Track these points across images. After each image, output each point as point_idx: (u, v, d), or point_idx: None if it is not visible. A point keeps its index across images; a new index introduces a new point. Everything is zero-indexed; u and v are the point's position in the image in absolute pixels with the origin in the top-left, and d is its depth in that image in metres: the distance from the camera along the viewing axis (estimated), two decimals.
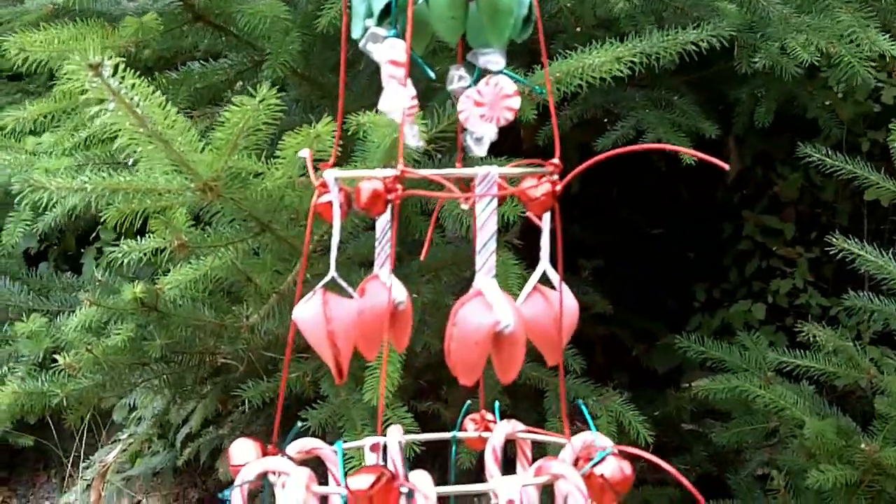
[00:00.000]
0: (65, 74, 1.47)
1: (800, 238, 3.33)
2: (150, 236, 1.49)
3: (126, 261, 1.49)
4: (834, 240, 2.09)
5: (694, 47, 1.75)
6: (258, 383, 1.80)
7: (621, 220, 3.32)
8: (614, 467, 0.80)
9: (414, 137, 0.86)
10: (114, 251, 1.51)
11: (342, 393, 1.74)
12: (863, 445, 2.18)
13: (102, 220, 1.34)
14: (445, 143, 1.52)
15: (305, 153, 0.91)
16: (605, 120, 2.48)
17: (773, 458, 2.64)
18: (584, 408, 0.85)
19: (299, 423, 0.91)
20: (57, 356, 1.69)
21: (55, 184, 1.25)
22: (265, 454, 0.87)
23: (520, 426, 1.00)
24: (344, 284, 0.85)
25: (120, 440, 3.68)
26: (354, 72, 2.14)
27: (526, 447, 1.01)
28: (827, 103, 2.84)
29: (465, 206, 0.80)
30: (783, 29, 1.92)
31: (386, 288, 0.89)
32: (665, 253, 3.45)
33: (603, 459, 0.80)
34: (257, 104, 1.21)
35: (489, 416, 1.02)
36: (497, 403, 1.03)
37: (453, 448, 1.01)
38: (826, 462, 2.20)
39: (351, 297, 0.85)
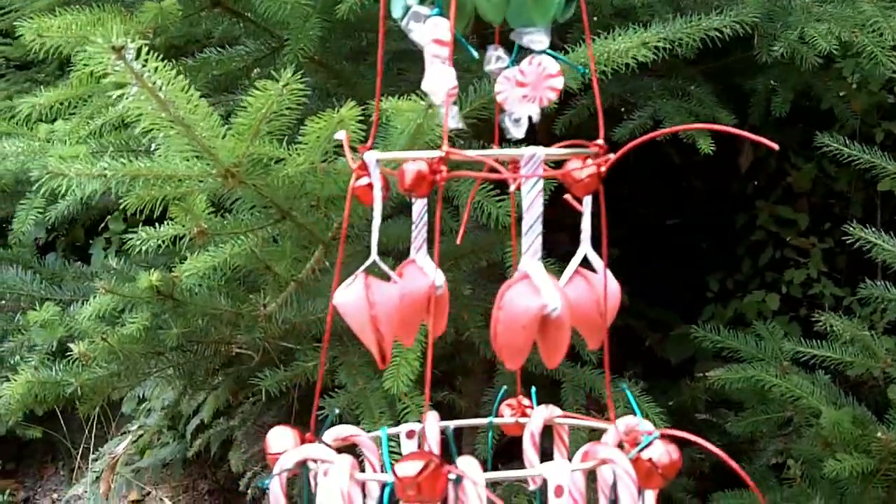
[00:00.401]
0: (82, 60, 1.46)
1: (813, 228, 3.31)
2: (168, 223, 1.48)
3: (144, 248, 1.47)
4: (851, 229, 2.08)
5: (717, 33, 1.73)
6: (275, 372, 1.79)
7: (635, 212, 3.31)
8: (661, 451, 0.79)
9: (454, 119, 0.84)
10: (132, 238, 1.50)
11: (359, 381, 1.73)
12: (879, 434, 2.17)
13: (114, 209, 1.33)
14: (467, 129, 1.51)
15: (342, 135, 0.89)
16: (623, 109, 2.47)
17: (788, 448, 2.63)
18: (629, 392, 0.83)
19: (336, 411, 0.89)
20: (71, 345, 1.67)
21: (74, 170, 1.23)
22: (303, 442, 0.85)
23: (557, 411, 0.99)
24: (385, 268, 0.83)
25: (130, 431, 3.67)
26: (371, 60, 2.12)
27: (563, 433, 0.99)
28: (841, 94, 2.83)
29: (512, 188, 0.79)
30: (804, 17, 1.90)
31: (423, 272, 0.88)
32: (679, 244, 3.44)
33: (650, 443, 0.79)
34: (281, 89, 1.19)
35: (525, 402, 1.01)
36: (534, 388, 1.02)
37: (489, 434, 1.00)
38: (842, 451, 2.19)
39: (392, 280, 0.83)
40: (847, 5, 1.92)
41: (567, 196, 0.84)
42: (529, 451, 0.97)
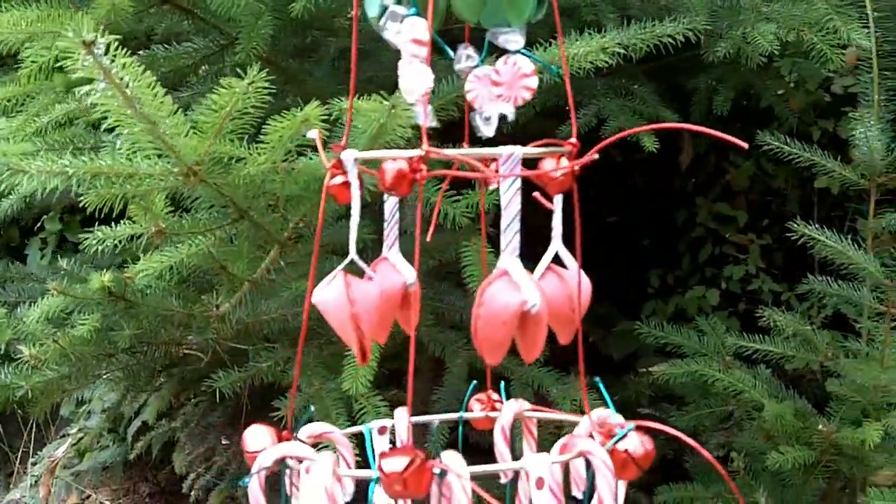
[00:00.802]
0: (31, 56, 1.45)
1: (752, 225, 3.37)
2: (125, 223, 1.46)
3: (101, 248, 1.46)
4: (794, 225, 2.11)
5: (670, 39, 1.76)
6: (229, 373, 1.78)
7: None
8: (636, 443, 0.81)
9: (427, 118, 0.85)
10: (87, 238, 1.48)
11: (315, 382, 1.73)
12: (820, 427, 2.21)
13: (51, 209, 1.31)
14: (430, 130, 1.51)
15: (314, 133, 0.90)
16: (567, 108, 2.48)
17: (730, 441, 2.67)
18: (601, 385, 0.85)
19: (312, 408, 0.90)
20: (21, 347, 1.65)
21: (35, 167, 1.22)
22: (280, 440, 0.86)
23: (526, 405, 1.00)
24: (364, 266, 0.84)
25: (69, 435, 3.64)
26: (317, 58, 2.12)
27: (532, 425, 1.01)
28: (780, 92, 2.88)
29: (492, 187, 0.80)
30: (754, 17, 1.93)
31: (396, 269, 0.89)
32: (620, 241, 3.47)
33: (625, 435, 0.81)
34: (246, 86, 1.19)
35: (495, 396, 1.02)
36: (503, 383, 1.03)
37: (460, 429, 1.01)
38: (784, 444, 2.24)
39: (370, 278, 0.84)
40: (797, 4, 1.95)
41: (536, 194, 0.85)
42: (500, 445, 0.98)
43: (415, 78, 0.79)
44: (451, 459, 0.74)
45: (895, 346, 2.17)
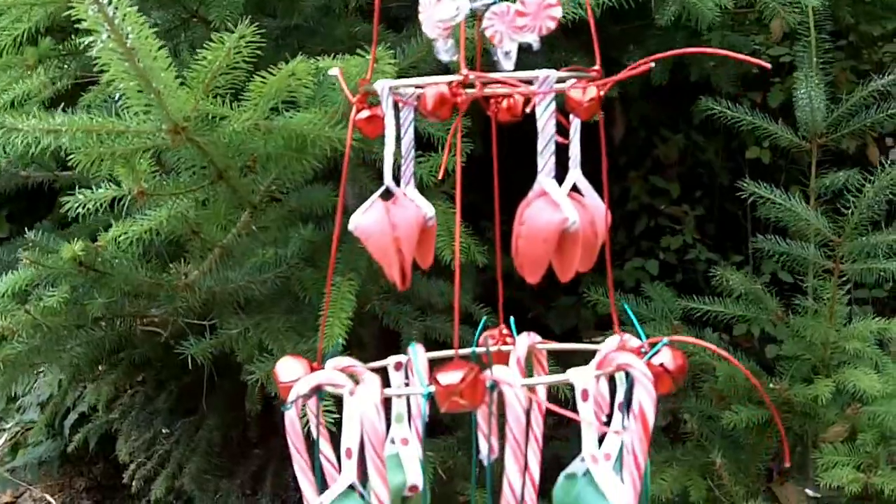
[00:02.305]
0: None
1: (684, 197, 3.43)
2: (107, 185, 1.45)
3: (82, 211, 1.44)
4: (744, 184, 2.16)
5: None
6: (200, 340, 1.77)
7: (516, 186, 3.36)
8: (670, 357, 0.83)
9: (447, 52, 0.87)
10: (69, 201, 1.47)
11: (287, 346, 1.73)
12: (772, 385, 2.26)
13: (70, 163, 1.30)
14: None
15: (335, 71, 0.91)
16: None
17: (677, 408, 2.72)
18: (628, 308, 0.88)
19: (339, 341, 0.91)
20: None
21: (29, 125, 1.21)
22: (312, 370, 0.87)
23: (537, 338, 1.02)
24: (398, 191, 0.85)
25: (5, 430, 3.58)
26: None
27: (542, 358, 1.03)
28: (712, 64, 2.94)
29: (527, 110, 0.82)
30: None
31: (415, 204, 0.90)
32: None
33: (659, 350, 0.84)
34: (237, 40, 1.19)
35: (505, 331, 1.04)
36: (512, 319, 1.05)
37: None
38: (737, 403, 2.28)
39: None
40: None
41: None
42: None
43: (443, 9, 0.81)
44: (502, 372, 0.76)
45: (841, 302, 2.23)
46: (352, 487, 0.81)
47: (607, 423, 0.86)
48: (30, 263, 1.54)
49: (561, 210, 0.78)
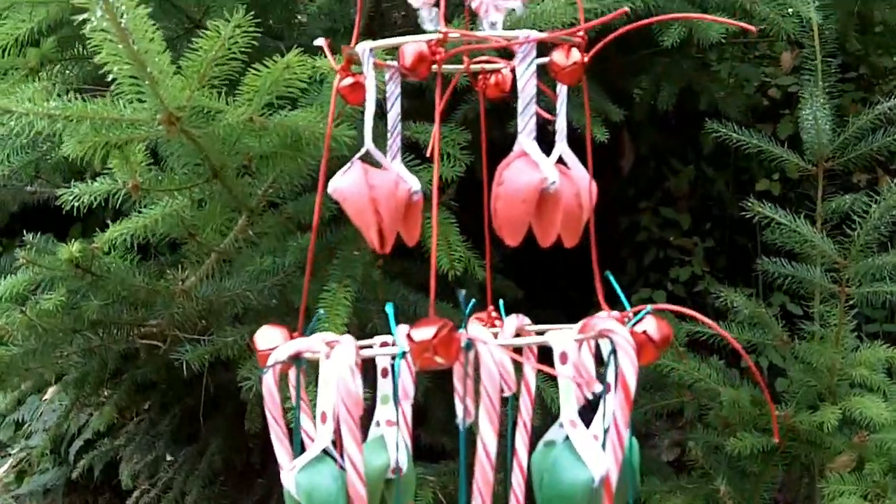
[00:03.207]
0: (4, 30, 1.43)
1: (694, 229, 3.42)
2: (102, 179, 1.45)
3: (77, 204, 1.44)
4: (749, 204, 2.14)
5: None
6: (196, 346, 1.75)
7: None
8: (654, 325, 0.82)
9: (431, 22, 0.86)
10: (64, 193, 1.46)
11: None
12: (777, 412, 2.23)
13: (64, 152, 1.30)
14: None
15: (321, 41, 0.91)
16: (515, 105, 2.51)
17: (683, 440, 2.69)
18: (612, 278, 0.86)
19: (321, 311, 0.90)
20: None
21: (24, 107, 1.21)
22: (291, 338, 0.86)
23: (526, 320, 1.01)
24: (379, 156, 0.84)
25: (11, 455, 3.57)
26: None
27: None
28: (720, 94, 2.94)
29: (506, 71, 0.82)
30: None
31: (400, 177, 0.89)
32: (562, 250, 3.49)
33: (643, 318, 0.82)
34: (233, 29, 1.19)
35: (494, 314, 1.03)
36: (501, 301, 1.04)
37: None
38: (742, 430, 2.25)
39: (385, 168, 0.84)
40: None
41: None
42: (505, 360, 0.98)
43: None
44: (476, 331, 0.75)
45: (847, 327, 2.20)
46: (326, 453, 0.79)
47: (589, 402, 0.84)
48: (26, 263, 1.53)
49: (540, 170, 0.77)
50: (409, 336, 0.73)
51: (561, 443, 0.79)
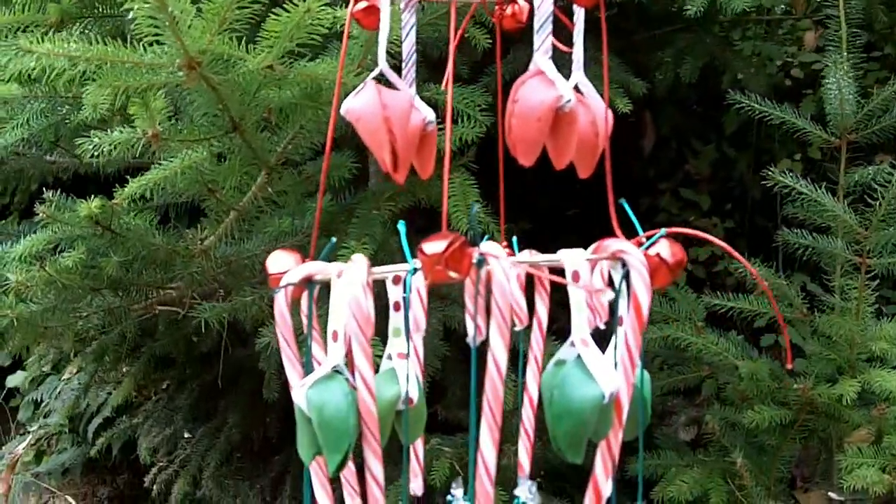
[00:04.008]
0: None
1: (715, 210, 3.40)
2: (122, 128, 1.45)
3: (96, 153, 1.44)
4: (770, 173, 2.12)
5: None
6: (214, 306, 1.75)
7: (535, 205, 3.35)
8: (668, 249, 0.81)
9: None
10: (84, 142, 1.46)
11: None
12: (796, 385, 2.22)
13: (85, 97, 1.30)
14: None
15: None
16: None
17: (700, 416, 2.68)
18: (626, 205, 0.85)
19: (333, 239, 0.89)
20: (9, 275, 1.62)
21: (42, 48, 1.21)
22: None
23: (539, 256, 1.00)
24: (394, 77, 0.84)
25: (30, 432, 3.59)
26: None
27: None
28: (739, 77, 2.93)
29: (522, 2, 0.81)
30: None
31: (415, 108, 0.89)
32: (581, 233, 3.47)
33: (656, 241, 0.82)
34: None
35: (507, 250, 1.02)
36: (514, 238, 1.03)
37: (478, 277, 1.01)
38: (760, 403, 2.24)
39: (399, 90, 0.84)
40: None
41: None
42: (517, 293, 0.98)
43: None
44: (489, 247, 0.75)
45: (867, 300, 2.19)
46: (337, 371, 0.79)
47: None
48: (46, 218, 1.53)
49: (556, 88, 0.76)
50: (420, 249, 0.72)
51: (572, 361, 0.79)
